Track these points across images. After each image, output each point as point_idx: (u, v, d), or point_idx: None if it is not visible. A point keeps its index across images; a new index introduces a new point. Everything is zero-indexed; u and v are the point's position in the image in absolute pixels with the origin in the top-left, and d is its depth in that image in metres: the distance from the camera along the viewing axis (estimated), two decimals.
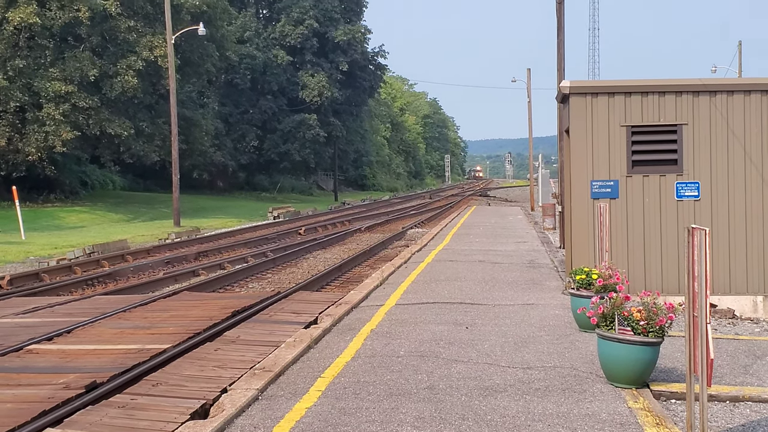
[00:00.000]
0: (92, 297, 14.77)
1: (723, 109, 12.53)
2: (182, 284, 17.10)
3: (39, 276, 18.06)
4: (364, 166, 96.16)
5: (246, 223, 37.48)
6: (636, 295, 7.87)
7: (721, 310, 12.03)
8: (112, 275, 18.57)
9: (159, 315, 11.96)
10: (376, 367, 8.24)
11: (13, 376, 8.36)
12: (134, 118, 43.46)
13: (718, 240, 12.32)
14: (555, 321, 10.75)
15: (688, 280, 5.78)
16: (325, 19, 69.22)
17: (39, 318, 12.07)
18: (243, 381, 7.64)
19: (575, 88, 12.90)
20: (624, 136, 12.66)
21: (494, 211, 42.43)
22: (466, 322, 10.70)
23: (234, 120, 66.64)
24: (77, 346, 9.77)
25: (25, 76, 39.22)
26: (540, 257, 18.88)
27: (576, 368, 8.16)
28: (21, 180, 39.50)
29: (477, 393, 7.26)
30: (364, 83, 74.25)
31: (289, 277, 18.83)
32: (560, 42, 23.38)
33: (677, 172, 12.60)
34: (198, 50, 47.72)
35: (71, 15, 39.36)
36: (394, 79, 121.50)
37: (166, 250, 24.36)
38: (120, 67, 40.93)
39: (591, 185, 12.75)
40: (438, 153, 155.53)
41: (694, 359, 5.77)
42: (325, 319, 10.89)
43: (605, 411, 6.73)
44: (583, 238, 12.79)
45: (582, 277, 10.08)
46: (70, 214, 39.14)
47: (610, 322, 7.54)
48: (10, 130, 39.17)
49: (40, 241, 26.43)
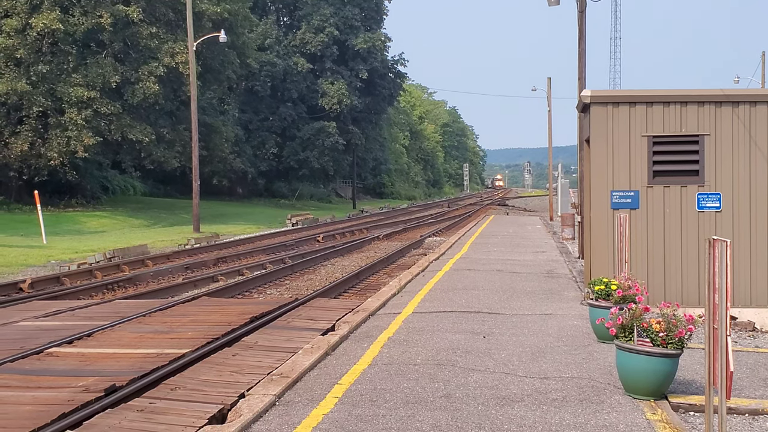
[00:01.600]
0: (112, 301, 14.88)
1: (746, 120, 12.45)
2: (201, 289, 17.19)
3: (60, 280, 18.21)
4: (382, 174, 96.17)
5: (265, 230, 37.62)
6: (655, 306, 7.83)
7: (741, 323, 11.94)
8: (132, 280, 18.68)
9: (178, 320, 12.03)
10: (392, 374, 8.25)
11: (33, 378, 8.43)
12: (155, 125, 43.74)
13: (739, 252, 12.22)
14: (573, 331, 10.71)
15: (709, 291, 5.75)
16: (345, 27, 69.40)
17: (60, 321, 12.17)
18: (260, 386, 7.66)
19: (596, 97, 12.86)
20: (645, 147, 12.60)
21: (513, 221, 42.32)
22: (484, 331, 10.69)
23: (254, 127, 66.91)
24: (97, 350, 9.84)
25: (47, 81, 39.57)
26: (558, 267, 18.81)
27: (594, 379, 8.12)
28: (43, 184, 39.84)
29: (494, 402, 7.25)
30: (383, 91, 74.31)
31: (307, 283, 18.87)
32: (581, 51, 23.32)
33: (698, 183, 12.52)
34: (219, 57, 47.97)
35: (94, 21, 39.72)
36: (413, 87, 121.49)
37: (186, 255, 24.49)
38: (142, 74, 41.21)
39: (611, 195, 12.70)
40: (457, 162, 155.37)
41: (713, 371, 5.73)
42: (343, 326, 10.91)
43: (623, 422, 6.70)
44: (603, 248, 12.74)
45: (601, 288, 10.04)
46: (91, 218, 39.42)
47: (629, 333, 7.50)
48: (32, 135, 39.54)
49: (61, 245, 26.64)
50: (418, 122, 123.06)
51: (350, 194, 78.16)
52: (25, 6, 38.81)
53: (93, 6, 40.07)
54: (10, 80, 38.08)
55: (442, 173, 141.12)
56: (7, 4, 38.94)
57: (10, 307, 13.94)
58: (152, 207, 48.90)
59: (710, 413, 5.87)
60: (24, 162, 39.90)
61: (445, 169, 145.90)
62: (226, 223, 41.27)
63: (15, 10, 38.79)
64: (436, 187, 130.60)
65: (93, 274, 19.45)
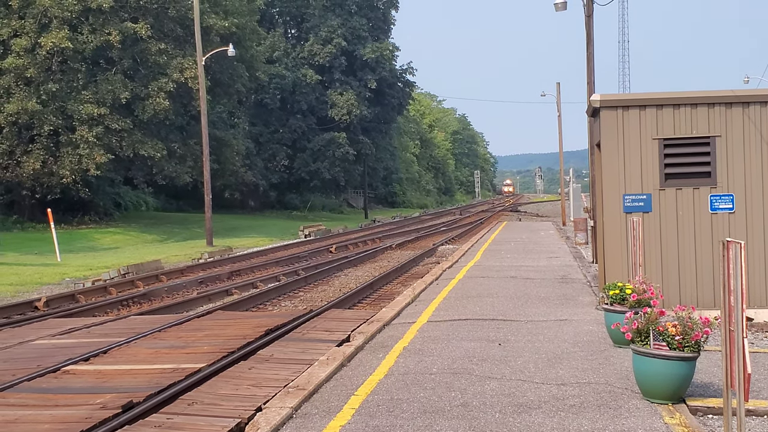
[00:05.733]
0: (127, 317, 14.92)
1: (756, 120, 12.41)
2: (216, 303, 17.21)
3: (75, 297, 18.28)
4: (393, 183, 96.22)
5: (278, 242, 37.67)
6: (671, 309, 7.81)
7: (757, 324, 11.88)
8: (147, 295, 18.73)
9: (193, 334, 12.05)
10: (409, 384, 8.24)
11: (50, 396, 8.46)
12: (166, 140, 43.92)
13: (753, 253, 12.16)
14: (589, 337, 10.68)
15: (724, 293, 5.74)
16: (353, 38, 69.58)
17: (75, 339, 12.21)
18: (277, 399, 7.67)
19: (606, 101, 12.84)
20: (656, 149, 12.58)
21: (525, 227, 42.24)
22: (499, 338, 10.67)
23: (264, 139, 67.10)
24: (113, 366, 9.88)
25: (58, 99, 39.82)
26: (572, 272, 18.77)
27: (611, 384, 8.10)
28: (56, 202, 40.06)
29: (511, 410, 7.23)
30: (392, 100, 74.40)
31: (321, 295, 18.89)
32: (590, 55, 23.33)
33: (711, 185, 12.49)
34: (228, 71, 48.17)
35: (103, 39, 39.98)
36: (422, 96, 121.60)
37: (200, 269, 24.54)
38: (151, 90, 41.40)
39: (623, 199, 12.67)
40: (468, 169, 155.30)
41: (730, 374, 5.72)
42: (358, 336, 10.91)
43: (641, 427, 6.67)
44: (616, 252, 12.70)
45: (616, 292, 10.01)
46: (104, 235, 39.59)
47: (645, 338, 7.48)
48: (44, 154, 39.77)
49: (75, 263, 26.77)
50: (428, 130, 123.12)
51: (362, 204, 78.22)
52: (34, 26, 39.10)
53: (101, 24, 40.32)
54: (20, 99, 38.34)
55: (454, 181, 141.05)
56: (16, 24, 39.25)
57: (26, 326, 14.01)
58: (165, 222, 49.08)
59: (728, 416, 5.85)
60: (36, 180, 40.12)
61: (456, 177, 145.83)
62: (239, 236, 41.37)
63: (24, 30, 39.09)
64: (448, 195, 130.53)
65: (107, 290, 19.52)
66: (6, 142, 39.59)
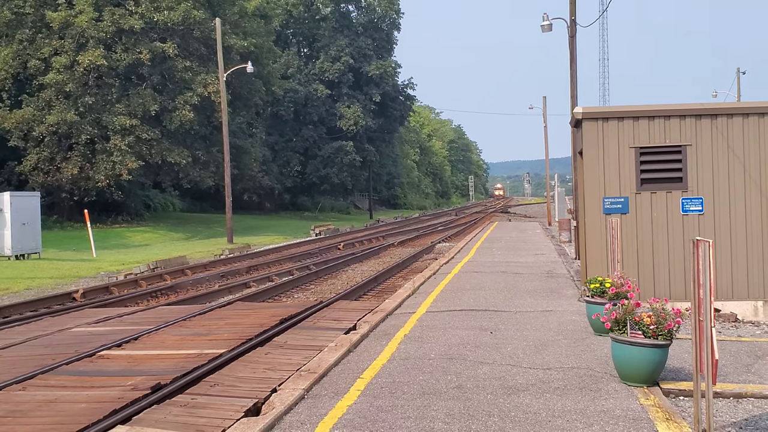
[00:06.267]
0: (156, 307, 14.92)
1: (723, 131, 12.40)
2: (235, 295, 17.22)
3: (109, 289, 18.29)
4: (395, 187, 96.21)
5: (291, 240, 37.67)
6: (646, 301, 7.80)
7: (724, 315, 11.86)
8: (174, 288, 18.73)
9: (215, 323, 12.05)
10: (409, 368, 8.24)
11: (86, 378, 8.47)
12: (191, 148, 43.98)
13: (720, 250, 12.16)
14: (572, 326, 10.66)
15: (694, 287, 5.73)
16: (359, 56, 69.67)
17: (109, 327, 12.22)
18: (290, 382, 7.67)
19: (587, 113, 12.84)
20: (633, 157, 12.57)
21: (515, 227, 42.19)
22: (491, 327, 10.66)
23: (279, 147, 67.16)
24: (143, 352, 9.87)
25: (94, 111, 39.92)
26: (557, 268, 18.74)
27: (592, 369, 8.09)
28: (92, 204, 40.12)
29: (501, 392, 7.22)
30: (395, 112, 74.45)
31: (330, 287, 18.87)
32: (573, 72, 23.30)
33: (682, 189, 12.47)
34: (247, 86, 48.21)
35: (134, 57, 40.08)
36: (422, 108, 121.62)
37: (221, 264, 24.56)
38: (178, 103, 41.48)
39: (603, 202, 12.66)
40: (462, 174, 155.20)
41: (700, 359, 5.70)
42: (363, 325, 10.90)
43: (619, 407, 6.66)
44: (597, 249, 12.69)
45: (596, 286, 10.00)
46: (135, 233, 39.64)
47: (622, 327, 7.47)
48: (81, 160, 39.90)
49: (109, 258, 26.80)
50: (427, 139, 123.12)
51: (367, 206, 78.23)
52: (73, 45, 39.22)
53: (133, 43, 40.42)
54: (60, 111, 38.47)
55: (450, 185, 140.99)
56: (56, 44, 39.36)
57: (65, 315, 14.03)
58: (190, 222, 49.11)
59: (698, 397, 5.84)
60: (74, 184, 40.23)
61: (452, 181, 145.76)
62: (256, 235, 41.37)
63: (63, 49, 39.22)
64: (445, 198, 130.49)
65: (138, 283, 19.53)
66: (47, 149, 39.70)
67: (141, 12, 40.30)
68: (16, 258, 26.28)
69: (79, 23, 38.55)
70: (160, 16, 40.48)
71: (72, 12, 39.21)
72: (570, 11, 23.66)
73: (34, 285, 19.70)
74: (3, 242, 26.26)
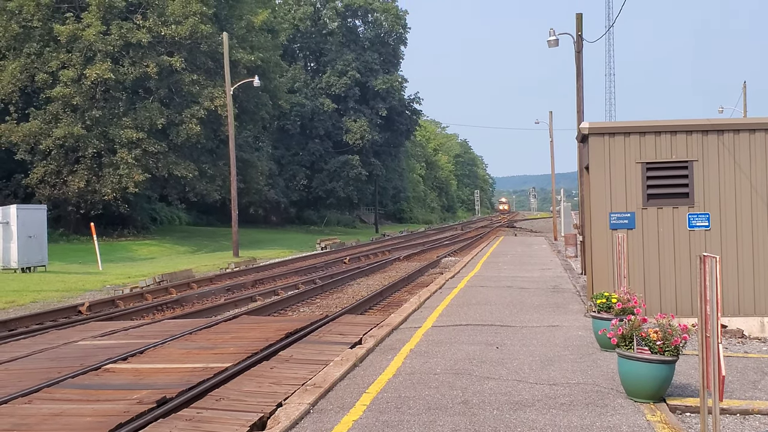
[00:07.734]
0: (162, 321, 14.94)
1: (730, 146, 12.40)
2: (241, 309, 17.23)
3: (115, 302, 18.32)
4: (401, 201, 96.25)
5: (297, 254, 37.69)
6: (652, 317, 7.79)
7: (731, 331, 11.82)
8: (179, 301, 18.76)
9: (221, 337, 12.06)
10: (415, 383, 8.23)
11: (92, 392, 8.48)
12: (198, 161, 44.14)
13: (727, 266, 12.13)
14: (578, 341, 10.64)
15: (701, 303, 5.73)
16: (366, 70, 69.97)
17: (115, 340, 12.24)
18: (296, 396, 7.67)
19: (594, 129, 12.86)
20: (639, 172, 12.57)
21: (520, 241, 42.14)
22: (497, 342, 10.64)
23: (285, 161, 67.38)
24: (149, 365, 9.89)
25: (101, 124, 40.12)
26: (563, 283, 18.71)
27: (598, 384, 8.07)
28: (98, 217, 40.24)
29: (507, 407, 7.21)
30: (401, 127, 74.70)
31: (336, 302, 18.87)
32: (579, 87, 23.36)
33: (689, 205, 12.46)
34: (253, 100, 48.43)
35: (141, 70, 40.29)
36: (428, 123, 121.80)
37: (227, 278, 24.58)
38: (185, 116, 41.67)
39: (609, 217, 12.66)
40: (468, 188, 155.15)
41: (706, 376, 5.70)
42: (369, 339, 10.90)
43: (625, 424, 6.65)
44: (603, 265, 12.68)
45: (602, 301, 9.99)
46: (141, 247, 39.71)
47: (629, 342, 7.46)
48: (88, 174, 40.06)
49: (115, 272, 26.85)
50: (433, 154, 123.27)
51: (373, 220, 78.34)
52: (80, 58, 39.46)
53: (140, 57, 40.65)
54: (67, 125, 38.68)
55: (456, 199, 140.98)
56: (64, 57, 39.60)
57: (71, 328, 14.05)
58: (196, 235, 49.19)
59: (705, 414, 5.83)
60: (81, 197, 40.37)
61: (458, 196, 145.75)
62: (262, 249, 41.41)
63: (71, 62, 39.45)
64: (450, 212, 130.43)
65: (144, 296, 19.56)
66: (54, 163, 39.90)
67: (148, 26, 40.57)
68: (22, 271, 26.37)
69: (87, 37, 38.81)
70: (167, 30, 40.73)
71: (80, 26, 39.48)
72: (576, 27, 23.77)
73: (40, 298, 19.75)
74: (9, 255, 26.36)
